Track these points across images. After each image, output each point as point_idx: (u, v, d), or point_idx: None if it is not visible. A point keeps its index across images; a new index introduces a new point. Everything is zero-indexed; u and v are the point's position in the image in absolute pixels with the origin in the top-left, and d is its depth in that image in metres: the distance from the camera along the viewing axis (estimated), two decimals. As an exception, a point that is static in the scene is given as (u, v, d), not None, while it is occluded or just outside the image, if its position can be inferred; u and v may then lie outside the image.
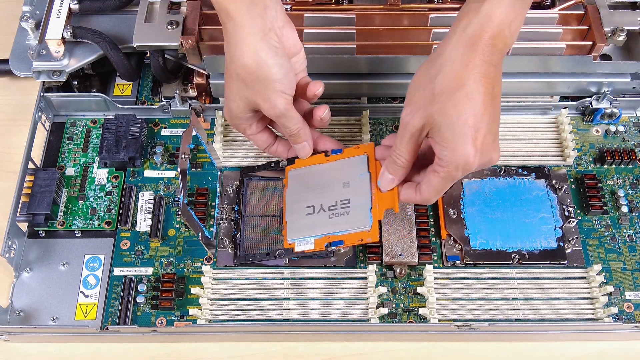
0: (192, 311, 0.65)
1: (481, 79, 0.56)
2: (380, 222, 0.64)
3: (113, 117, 0.77)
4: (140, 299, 0.67)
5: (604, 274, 0.69)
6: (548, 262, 0.69)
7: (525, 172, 0.74)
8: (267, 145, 0.70)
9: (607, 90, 0.76)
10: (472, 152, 0.56)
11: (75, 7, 0.76)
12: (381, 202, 0.64)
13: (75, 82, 0.79)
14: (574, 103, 0.78)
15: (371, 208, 0.64)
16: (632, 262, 0.70)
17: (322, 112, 0.67)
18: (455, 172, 0.58)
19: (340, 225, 0.65)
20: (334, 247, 0.64)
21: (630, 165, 0.76)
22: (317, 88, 0.65)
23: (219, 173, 0.75)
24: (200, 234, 0.66)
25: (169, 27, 0.73)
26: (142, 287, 0.68)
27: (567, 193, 0.73)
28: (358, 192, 0.66)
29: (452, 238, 0.70)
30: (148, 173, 0.75)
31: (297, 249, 0.65)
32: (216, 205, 0.72)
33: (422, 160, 0.62)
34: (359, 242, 0.64)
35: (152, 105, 0.79)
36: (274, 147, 0.70)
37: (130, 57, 0.76)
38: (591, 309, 0.67)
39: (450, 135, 0.57)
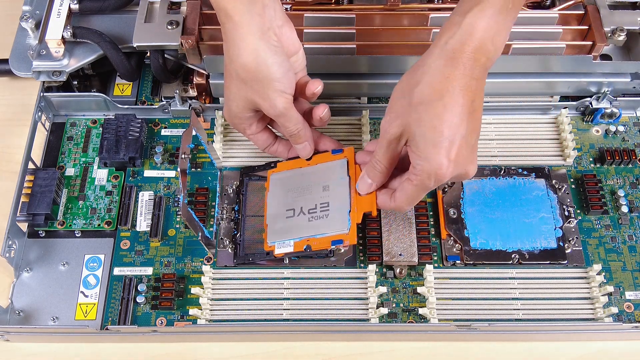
0: (192, 311, 0.65)
1: (461, 91, 0.56)
2: (358, 225, 0.65)
3: (113, 117, 0.77)
4: (140, 299, 0.67)
5: (604, 274, 0.69)
6: (548, 262, 0.69)
7: (525, 172, 0.74)
8: (267, 145, 0.70)
9: (607, 90, 0.76)
10: (445, 162, 0.57)
11: (75, 7, 0.76)
12: (359, 205, 0.65)
13: (75, 82, 0.79)
14: (574, 103, 0.78)
15: (350, 211, 0.65)
16: (632, 262, 0.70)
17: (322, 112, 0.67)
18: (428, 181, 0.58)
19: (320, 228, 0.66)
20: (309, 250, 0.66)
21: (630, 165, 0.76)
22: (316, 86, 0.65)
23: (219, 173, 0.75)
24: (200, 234, 0.66)
25: (169, 27, 0.73)
26: (142, 287, 0.68)
27: (567, 193, 0.73)
28: (337, 195, 0.67)
29: (452, 238, 0.70)
30: (148, 173, 0.75)
31: (277, 251, 0.67)
32: (216, 205, 0.72)
33: (403, 165, 0.63)
34: (337, 246, 0.65)
35: (152, 105, 0.79)
36: (274, 147, 0.70)
37: (130, 57, 0.76)
38: (591, 309, 0.67)
39: (424, 145, 0.57)
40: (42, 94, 0.77)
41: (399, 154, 0.62)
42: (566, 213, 0.71)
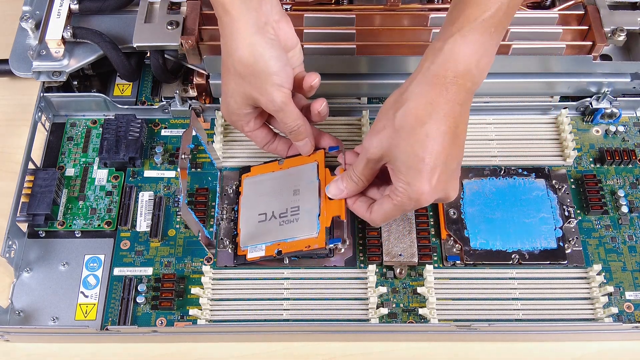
0: (192, 311, 0.65)
1: (444, 117, 0.56)
2: (327, 228, 0.66)
3: (113, 117, 0.77)
4: (140, 299, 0.67)
5: (604, 274, 0.69)
6: (548, 262, 0.69)
7: (525, 172, 0.74)
8: (266, 142, 0.69)
9: (607, 90, 0.76)
10: (427, 189, 0.57)
11: (75, 7, 0.76)
12: (329, 209, 0.66)
13: (75, 82, 0.79)
14: (574, 103, 0.78)
15: (319, 215, 0.66)
16: (632, 262, 0.70)
17: (320, 106, 0.66)
18: (408, 203, 0.59)
19: (290, 232, 0.67)
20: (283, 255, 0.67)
21: (630, 165, 0.76)
22: (312, 79, 0.65)
23: (219, 173, 0.75)
24: (200, 234, 0.66)
25: (169, 27, 0.73)
26: (142, 287, 0.68)
27: (567, 193, 0.73)
28: (307, 199, 0.68)
29: (452, 238, 0.70)
30: (148, 173, 0.75)
31: (250, 255, 0.68)
32: (216, 205, 0.72)
33: (384, 175, 0.63)
34: (306, 249, 0.66)
35: (152, 105, 0.79)
36: (274, 145, 0.70)
37: (130, 57, 0.76)
38: (591, 309, 0.67)
39: (405, 170, 0.58)
40: (42, 94, 0.77)
41: (377, 171, 0.63)
42: (566, 213, 0.71)
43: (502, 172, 0.74)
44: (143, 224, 0.72)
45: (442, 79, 0.56)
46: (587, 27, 0.74)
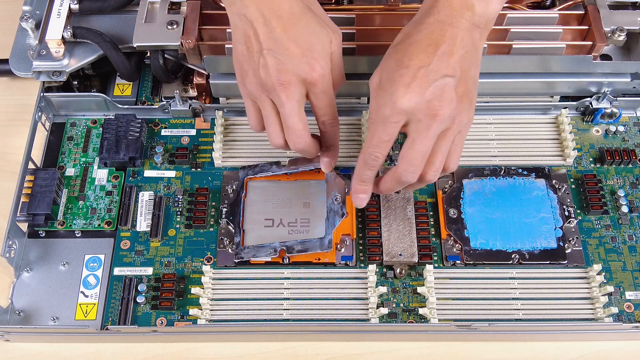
0: (192, 311, 0.65)
1: (430, 32, 0.57)
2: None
3: (113, 117, 0.77)
4: (140, 299, 0.67)
5: (604, 274, 0.69)
6: (548, 262, 0.69)
7: (525, 172, 0.74)
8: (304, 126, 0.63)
9: (607, 90, 0.76)
10: (401, 90, 0.56)
11: (75, 7, 0.76)
12: (340, 227, 0.69)
13: (75, 82, 0.79)
14: (574, 103, 0.78)
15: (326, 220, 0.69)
16: (632, 262, 0.70)
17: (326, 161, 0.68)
18: (384, 105, 0.58)
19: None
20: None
21: (630, 165, 0.76)
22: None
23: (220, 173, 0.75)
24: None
25: (169, 27, 0.73)
26: (142, 287, 0.68)
27: (567, 193, 0.73)
28: (319, 213, 0.70)
29: (452, 238, 0.70)
30: (148, 173, 0.75)
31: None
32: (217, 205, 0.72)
33: None
34: (316, 260, 0.68)
35: (152, 105, 0.79)
36: (308, 138, 0.64)
37: (130, 57, 0.76)
38: (591, 309, 0.67)
39: (387, 79, 0.58)
40: (42, 94, 0.77)
41: (392, 133, 0.59)
42: (566, 213, 0.71)
43: (502, 172, 0.74)
44: (143, 224, 0.72)
45: (433, 3, 0.58)
46: (587, 27, 0.74)
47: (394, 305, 0.68)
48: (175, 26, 0.73)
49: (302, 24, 0.59)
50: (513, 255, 0.69)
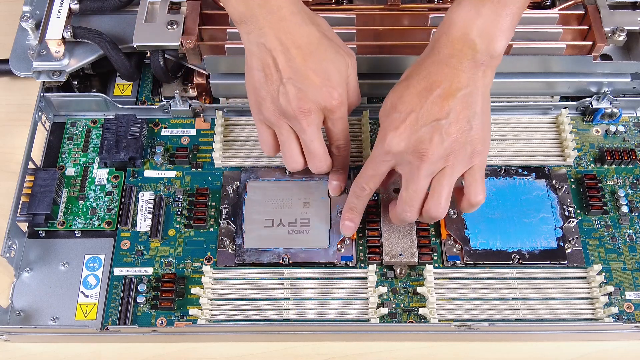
0: (192, 311, 0.65)
1: (427, 74, 0.58)
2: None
3: (113, 117, 0.77)
4: (140, 299, 0.67)
5: (604, 274, 0.69)
6: (548, 262, 0.69)
7: (525, 172, 0.74)
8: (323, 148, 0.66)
9: (607, 90, 0.77)
10: (390, 133, 0.58)
11: (75, 7, 0.76)
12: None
13: (76, 82, 0.79)
14: (574, 103, 0.78)
15: (330, 230, 0.69)
16: (632, 262, 0.70)
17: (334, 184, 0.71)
18: (383, 153, 0.60)
19: (300, 242, 0.69)
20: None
21: (630, 165, 0.76)
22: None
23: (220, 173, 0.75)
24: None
25: (169, 27, 0.73)
26: (142, 287, 0.68)
27: (567, 193, 0.73)
28: (319, 213, 0.70)
29: (452, 238, 0.70)
30: (148, 173, 0.75)
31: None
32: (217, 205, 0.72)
33: None
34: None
35: (152, 105, 0.79)
36: (326, 158, 0.67)
37: (130, 57, 0.76)
38: (591, 309, 0.67)
39: (382, 123, 0.60)
40: (42, 94, 0.77)
41: (383, 174, 0.63)
42: (566, 213, 0.71)
43: (502, 172, 0.74)
44: (143, 224, 0.72)
45: (435, 42, 0.59)
46: (587, 27, 0.74)
47: (394, 305, 0.68)
48: (175, 26, 0.73)
49: (319, 52, 0.60)
50: (513, 255, 0.69)
